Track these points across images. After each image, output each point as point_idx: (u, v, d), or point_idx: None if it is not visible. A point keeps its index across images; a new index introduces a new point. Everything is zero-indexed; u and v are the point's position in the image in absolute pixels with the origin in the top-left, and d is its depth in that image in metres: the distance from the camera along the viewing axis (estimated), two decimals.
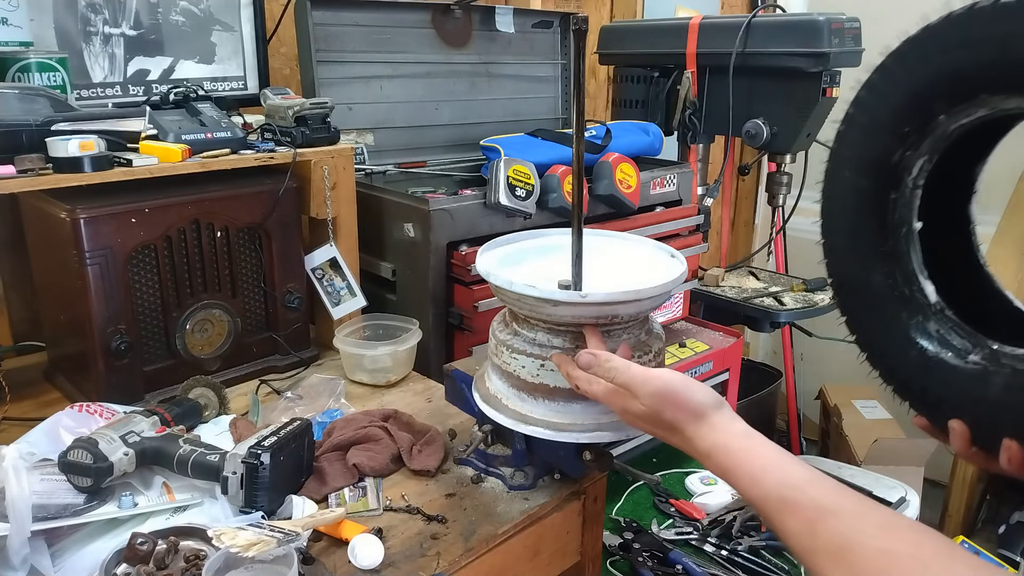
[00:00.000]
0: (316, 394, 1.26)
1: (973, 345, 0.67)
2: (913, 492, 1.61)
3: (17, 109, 1.13)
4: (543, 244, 1.06)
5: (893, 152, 0.69)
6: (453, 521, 0.97)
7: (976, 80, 0.62)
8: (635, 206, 1.71)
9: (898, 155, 0.69)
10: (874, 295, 0.73)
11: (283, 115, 1.40)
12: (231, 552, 0.77)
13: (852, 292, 0.76)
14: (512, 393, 0.94)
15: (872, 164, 0.71)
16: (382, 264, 1.58)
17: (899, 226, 0.71)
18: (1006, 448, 0.63)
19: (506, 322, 0.97)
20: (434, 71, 1.91)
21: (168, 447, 0.98)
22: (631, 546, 1.41)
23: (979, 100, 0.63)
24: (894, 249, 0.72)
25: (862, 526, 0.59)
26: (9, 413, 1.21)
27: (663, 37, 2.12)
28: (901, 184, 0.70)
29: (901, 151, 0.69)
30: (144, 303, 1.22)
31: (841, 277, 0.77)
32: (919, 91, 0.66)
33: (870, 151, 0.71)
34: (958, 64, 0.63)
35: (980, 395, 0.65)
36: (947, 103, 0.65)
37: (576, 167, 0.87)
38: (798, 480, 0.64)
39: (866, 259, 0.73)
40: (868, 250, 0.73)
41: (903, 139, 0.68)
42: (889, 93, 0.68)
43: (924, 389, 0.70)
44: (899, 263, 0.72)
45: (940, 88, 0.65)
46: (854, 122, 0.72)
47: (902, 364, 0.72)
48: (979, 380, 0.65)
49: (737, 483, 0.69)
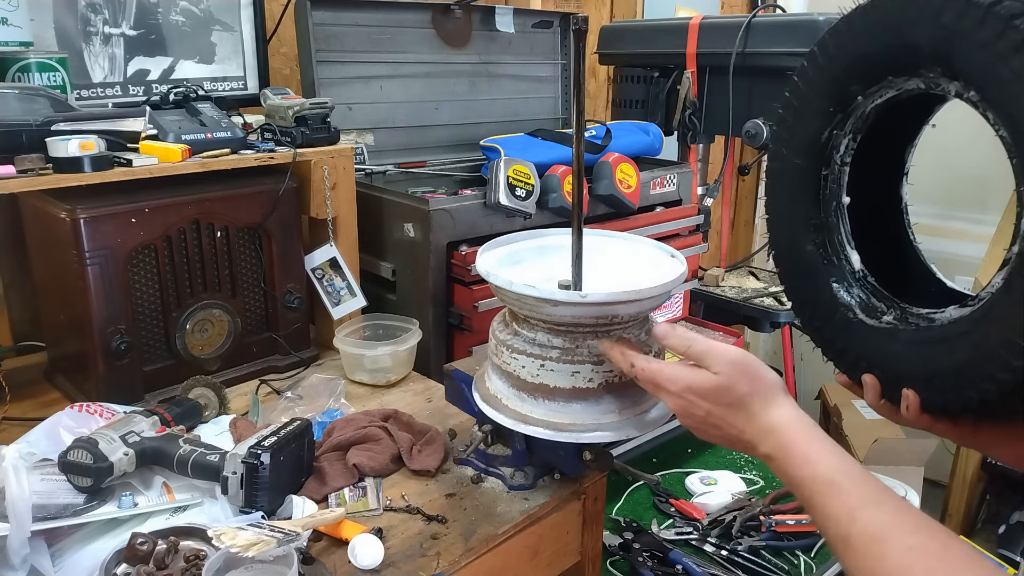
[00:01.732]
0: (316, 394, 1.26)
1: (888, 307, 0.75)
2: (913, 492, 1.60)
3: (17, 109, 1.13)
4: (543, 244, 1.06)
5: (822, 131, 0.76)
6: (453, 521, 0.97)
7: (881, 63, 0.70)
8: (635, 206, 1.71)
9: (826, 134, 0.76)
10: (807, 264, 0.80)
11: (283, 115, 1.40)
12: (231, 552, 0.77)
13: (788, 261, 0.83)
14: (512, 393, 0.94)
15: (804, 143, 0.78)
16: (382, 264, 1.58)
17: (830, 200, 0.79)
18: (905, 397, 0.71)
19: (506, 322, 0.97)
20: (434, 71, 1.91)
21: (168, 447, 0.98)
22: (631, 546, 1.41)
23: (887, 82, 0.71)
24: (825, 221, 0.79)
25: (899, 521, 0.61)
26: (9, 413, 1.21)
27: (663, 37, 2.12)
28: (830, 162, 0.77)
29: (828, 130, 0.76)
30: (144, 303, 1.22)
31: (780, 248, 0.84)
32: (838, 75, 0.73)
33: (802, 131, 0.78)
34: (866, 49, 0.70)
35: (888, 350, 0.72)
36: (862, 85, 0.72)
37: (576, 167, 0.87)
38: (850, 470, 0.67)
39: (800, 230, 0.80)
40: (802, 222, 0.80)
41: (829, 119, 0.76)
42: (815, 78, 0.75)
43: (845, 347, 0.78)
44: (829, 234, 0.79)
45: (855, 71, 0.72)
46: (790, 105, 0.79)
47: (828, 326, 0.79)
48: (889, 336, 0.72)
49: (791, 460, 0.70)
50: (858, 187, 0.79)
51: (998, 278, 0.64)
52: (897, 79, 0.70)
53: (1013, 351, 0.59)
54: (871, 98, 0.73)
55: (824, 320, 0.80)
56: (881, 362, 0.74)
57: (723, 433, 0.77)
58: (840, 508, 0.64)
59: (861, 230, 0.79)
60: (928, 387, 0.69)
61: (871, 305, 0.76)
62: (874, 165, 0.79)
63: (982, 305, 0.65)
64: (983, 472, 2.63)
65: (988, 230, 2.64)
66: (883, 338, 0.73)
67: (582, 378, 0.90)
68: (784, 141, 0.81)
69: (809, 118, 0.77)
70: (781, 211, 0.82)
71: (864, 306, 0.76)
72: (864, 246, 0.79)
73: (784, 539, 1.43)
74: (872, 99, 0.73)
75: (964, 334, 0.65)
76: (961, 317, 0.67)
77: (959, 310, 0.69)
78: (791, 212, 0.81)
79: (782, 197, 0.82)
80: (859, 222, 0.79)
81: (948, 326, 0.68)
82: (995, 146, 0.64)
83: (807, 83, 0.77)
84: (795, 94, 0.79)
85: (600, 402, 0.91)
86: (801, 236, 0.80)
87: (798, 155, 0.79)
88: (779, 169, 0.82)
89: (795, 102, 0.79)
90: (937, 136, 0.84)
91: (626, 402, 0.93)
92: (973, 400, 0.65)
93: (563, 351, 0.89)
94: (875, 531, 0.61)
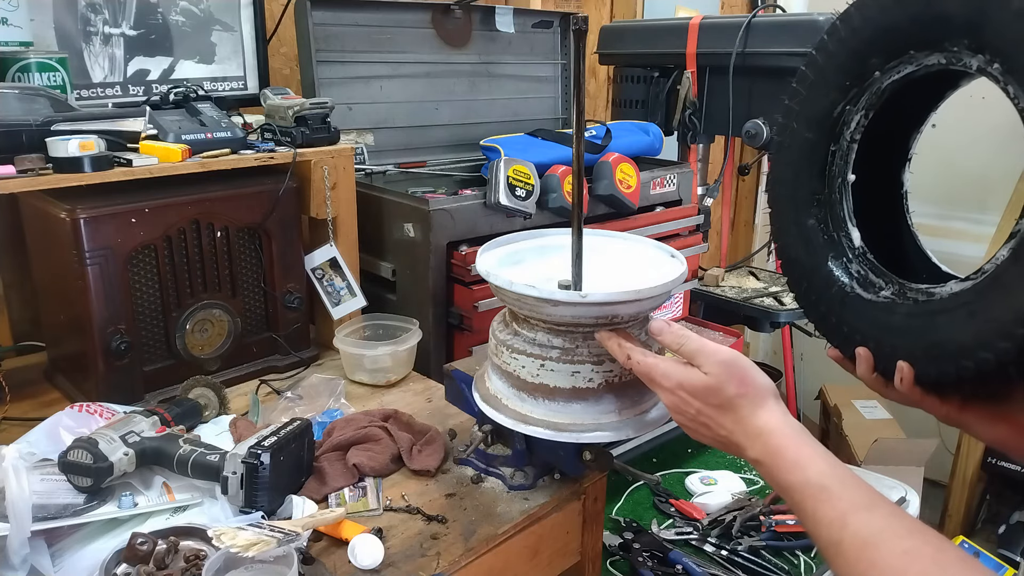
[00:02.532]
0: (316, 394, 1.26)
1: (886, 283, 0.76)
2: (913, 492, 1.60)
3: (17, 109, 1.13)
4: (543, 244, 1.06)
5: (835, 106, 0.78)
6: (453, 521, 0.97)
7: (906, 35, 0.71)
8: (635, 206, 1.71)
9: (839, 109, 0.78)
10: (807, 238, 0.82)
11: (283, 115, 1.40)
12: (231, 552, 0.77)
13: (789, 235, 0.85)
14: (512, 393, 0.94)
15: (816, 117, 0.80)
16: (382, 264, 1.58)
17: (835, 177, 0.80)
18: (899, 369, 0.72)
19: (506, 322, 0.97)
20: (434, 71, 1.91)
21: (168, 447, 0.98)
22: (631, 546, 1.41)
23: (908, 56, 0.72)
24: (829, 197, 0.81)
25: (891, 525, 0.61)
26: (9, 413, 1.21)
27: (663, 37, 2.12)
28: (840, 138, 0.79)
29: (843, 104, 0.77)
30: (144, 303, 1.22)
31: (781, 221, 0.86)
32: (859, 48, 0.74)
33: (816, 105, 0.79)
34: (892, 20, 0.71)
35: (885, 323, 0.74)
36: (882, 58, 0.74)
37: (576, 167, 0.87)
38: (842, 474, 0.67)
39: (804, 205, 0.82)
40: (806, 196, 0.82)
41: (844, 93, 0.77)
42: (835, 51, 0.76)
43: (839, 321, 0.79)
44: (832, 210, 0.81)
45: (877, 44, 0.73)
46: (804, 79, 0.81)
47: (824, 299, 0.81)
48: (886, 310, 0.74)
49: (780, 465, 0.70)
50: (863, 167, 0.80)
51: (1004, 250, 0.65)
52: (919, 53, 0.71)
53: (1018, 319, 0.60)
54: (889, 73, 0.74)
55: (820, 294, 0.81)
56: (876, 335, 0.75)
57: (713, 433, 0.77)
58: (832, 513, 0.64)
59: (862, 210, 0.81)
60: (924, 359, 0.70)
61: (869, 280, 0.78)
62: (880, 147, 0.80)
63: (986, 277, 0.66)
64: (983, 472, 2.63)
65: (988, 230, 2.64)
66: (880, 312, 0.75)
67: (582, 378, 0.90)
68: (796, 115, 0.82)
69: (824, 91, 0.78)
70: (786, 185, 0.84)
71: (862, 281, 0.78)
72: (863, 225, 0.81)
73: (784, 539, 1.43)
74: (890, 74, 0.74)
75: (965, 305, 0.66)
76: (963, 290, 0.68)
77: (961, 283, 0.70)
78: (796, 186, 0.82)
79: (788, 172, 0.84)
80: (860, 202, 0.81)
81: (949, 299, 0.69)
82: (995, 146, 0.65)
83: (826, 55, 0.78)
84: (812, 67, 0.80)
85: (600, 402, 0.92)
86: (803, 211, 0.82)
87: (809, 129, 0.80)
88: (787, 143, 0.84)
89: (811, 75, 0.80)
90: (937, 136, 0.85)
91: (626, 402, 0.93)
92: (970, 370, 0.66)
93: (563, 351, 0.89)
94: (868, 536, 0.60)
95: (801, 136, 0.82)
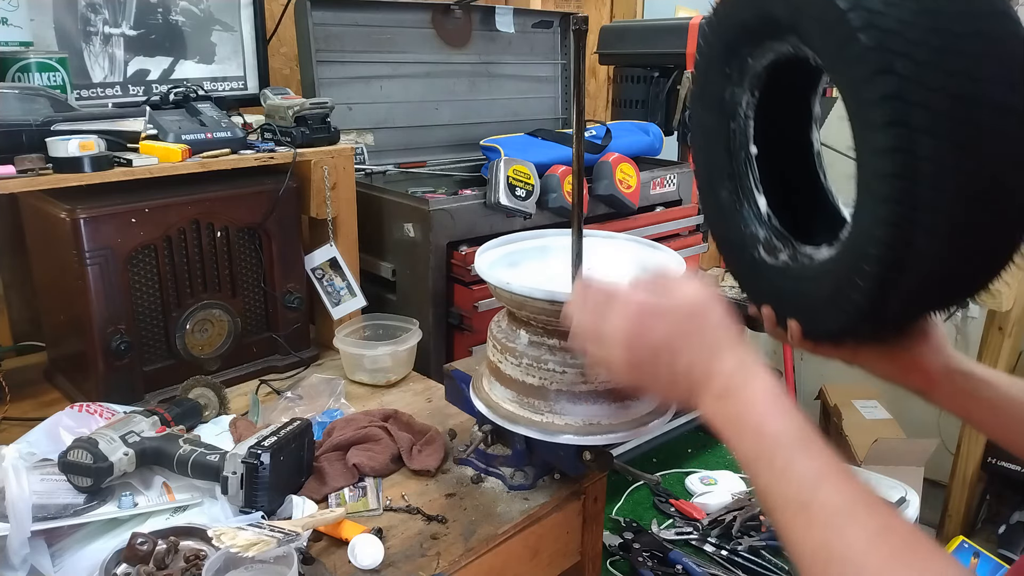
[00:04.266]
0: (316, 394, 1.27)
1: (785, 247, 0.80)
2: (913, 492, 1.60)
3: (17, 109, 1.13)
4: (542, 244, 1.06)
5: (724, 89, 0.82)
6: (453, 521, 0.97)
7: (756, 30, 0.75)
8: (635, 206, 1.71)
9: (728, 92, 0.82)
10: (723, 209, 0.86)
11: (283, 115, 1.40)
12: (231, 552, 0.77)
13: (709, 207, 0.89)
14: (511, 394, 0.94)
15: (711, 101, 0.84)
16: (382, 264, 1.58)
17: (739, 151, 0.84)
18: (789, 328, 0.77)
19: (505, 323, 0.97)
20: (434, 71, 1.91)
21: (168, 447, 0.98)
22: (631, 546, 1.42)
23: (766, 46, 0.75)
24: (736, 170, 0.85)
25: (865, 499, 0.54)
26: (9, 413, 1.21)
27: (663, 37, 2.12)
28: (736, 116, 0.83)
29: (730, 88, 0.81)
30: (144, 303, 1.22)
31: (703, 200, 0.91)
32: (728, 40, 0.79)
33: (709, 89, 0.84)
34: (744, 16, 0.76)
35: (779, 285, 0.79)
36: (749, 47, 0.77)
37: (576, 167, 0.87)
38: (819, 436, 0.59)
39: (716, 179, 0.86)
40: (718, 172, 0.86)
41: (728, 78, 0.81)
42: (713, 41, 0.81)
43: (750, 284, 0.85)
44: (740, 181, 0.85)
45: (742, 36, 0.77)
46: (698, 67, 0.85)
47: (740, 265, 0.85)
48: (780, 273, 0.79)
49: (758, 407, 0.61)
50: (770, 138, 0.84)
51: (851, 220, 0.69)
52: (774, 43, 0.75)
53: (858, 280, 0.64)
54: (759, 59, 0.78)
55: (737, 260, 0.86)
56: (773, 297, 0.81)
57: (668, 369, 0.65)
58: (807, 469, 0.56)
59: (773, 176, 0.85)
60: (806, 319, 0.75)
61: (772, 245, 0.82)
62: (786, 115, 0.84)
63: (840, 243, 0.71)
64: (983, 472, 2.63)
65: None
66: (776, 275, 0.80)
67: (581, 379, 0.90)
68: (697, 99, 0.87)
69: (712, 78, 0.82)
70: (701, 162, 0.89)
71: (767, 246, 0.82)
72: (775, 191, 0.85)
73: None
74: (760, 60, 0.78)
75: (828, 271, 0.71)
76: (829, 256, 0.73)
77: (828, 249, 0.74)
78: (709, 163, 0.87)
79: (700, 153, 0.89)
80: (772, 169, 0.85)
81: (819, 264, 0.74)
82: None
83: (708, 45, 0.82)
84: (701, 56, 0.84)
85: (599, 403, 0.92)
86: (717, 184, 0.86)
87: (708, 111, 0.85)
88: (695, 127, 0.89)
89: (701, 63, 0.84)
90: None
91: (625, 403, 0.93)
92: (836, 330, 0.71)
93: (562, 352, 0.89)
94: (841, 503, 0.53)
95: (703, 119, 0.86)
